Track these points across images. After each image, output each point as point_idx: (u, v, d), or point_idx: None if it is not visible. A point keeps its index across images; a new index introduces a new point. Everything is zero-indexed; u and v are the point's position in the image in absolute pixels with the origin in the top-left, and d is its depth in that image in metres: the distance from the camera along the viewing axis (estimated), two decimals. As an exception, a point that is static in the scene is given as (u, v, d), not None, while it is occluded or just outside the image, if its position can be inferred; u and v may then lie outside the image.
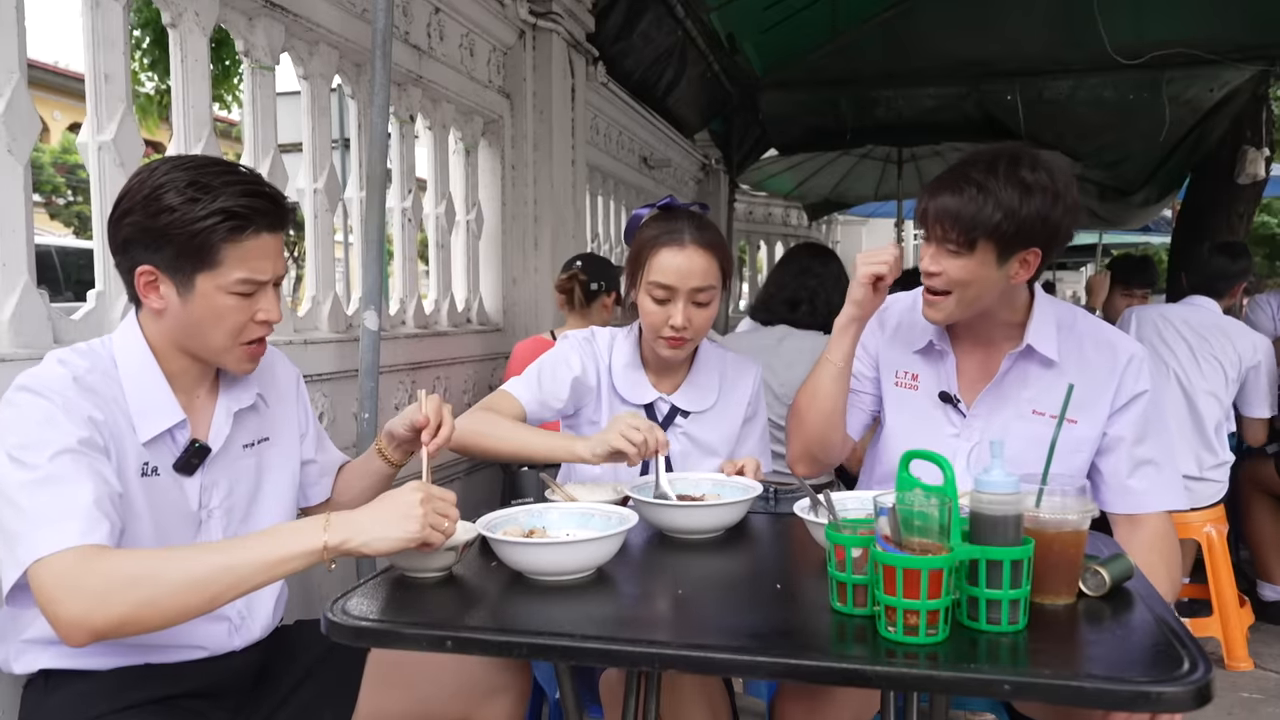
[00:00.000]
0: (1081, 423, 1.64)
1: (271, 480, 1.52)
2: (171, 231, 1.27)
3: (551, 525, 1.40)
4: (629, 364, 1.89)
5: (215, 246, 1.28)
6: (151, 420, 1.34)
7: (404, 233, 2.89)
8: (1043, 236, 1.53)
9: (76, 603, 1.11)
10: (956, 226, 1.52)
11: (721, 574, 1.38)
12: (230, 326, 1.34)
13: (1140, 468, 1.65)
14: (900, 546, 1.05)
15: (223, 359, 1.38)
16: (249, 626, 1.46)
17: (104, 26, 1.77)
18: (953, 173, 1.56)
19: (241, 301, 1.33)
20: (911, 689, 1.13)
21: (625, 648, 1.06)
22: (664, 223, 1.80)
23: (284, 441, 1.55)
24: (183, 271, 1.30)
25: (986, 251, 1.53)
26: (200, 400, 1.42)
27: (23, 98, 1.56)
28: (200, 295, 1.31)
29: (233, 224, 1.28)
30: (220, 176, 1.30)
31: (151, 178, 1.30)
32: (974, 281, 1.56)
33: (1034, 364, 1.66)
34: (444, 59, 2.97)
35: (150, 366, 1.35)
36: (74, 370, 1.28)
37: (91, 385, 1.28)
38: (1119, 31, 4.85)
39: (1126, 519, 1.67)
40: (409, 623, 1.15)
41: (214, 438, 1.41)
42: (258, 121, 2.22)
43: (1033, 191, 1.50)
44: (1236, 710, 2.82)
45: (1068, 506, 1.17)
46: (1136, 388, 1.65)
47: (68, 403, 1.23)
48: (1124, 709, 0.97)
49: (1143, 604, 1.18)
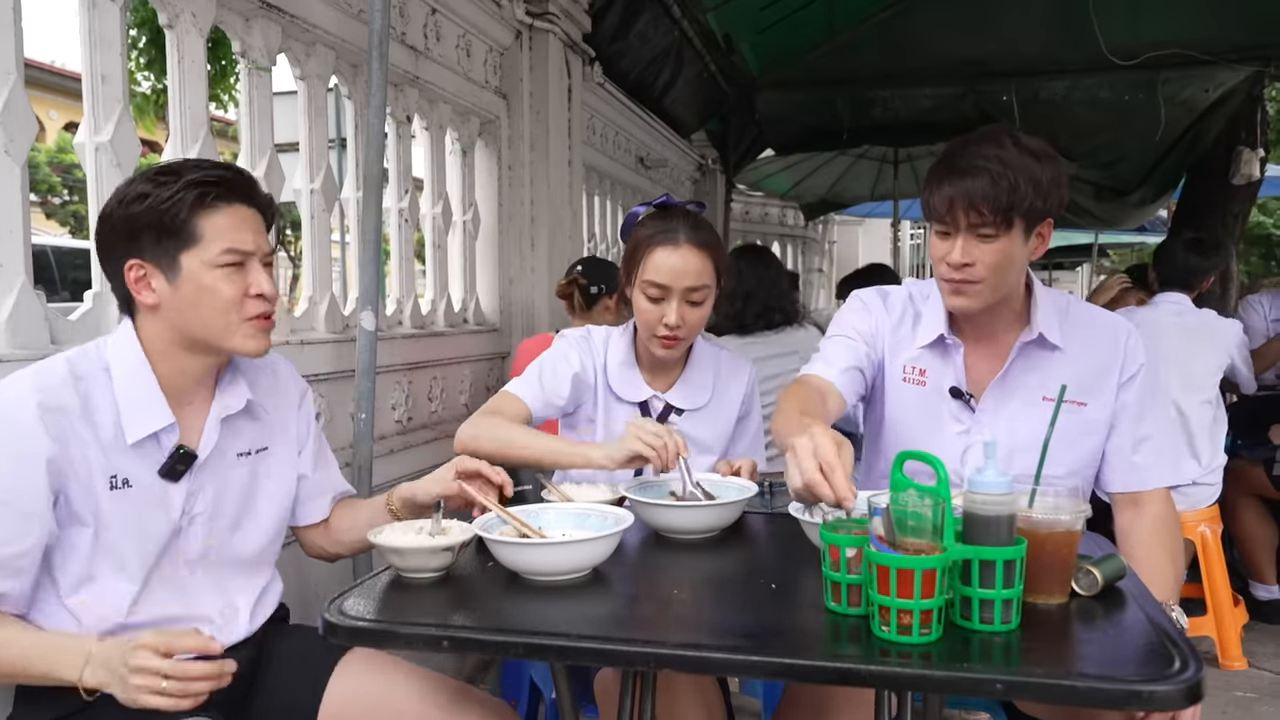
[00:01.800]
0: (1092, 405, 1.65)
1: (266, 490, 1.52)
2: (146, 217, 1.31)
3: (548, 525, 1.40)
4: (624, 362, 1.90)
5: (189, 220, 1.32)
6: (140, 422, 1.34)
7: (400, 233, 2.89)
8: (1055, 203, 1.53)
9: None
10: (992, 209, 1.48)
11: (717, 574, 1.39)
12: (224, 302, 1.35)
13: (1143, 443, 1.66)
14: (894, 547, 1.06)
15: (230, 340, 1.38)
16: (232, 627, 1.46)
17: (101, 27, 1.77)
18: (957, 158, 1.52)
19: (231, 274, 1.35)
20: (905, 688, 1.14)
21: (621, 647, 1.07)
22: (660, 221, 1.81)
23: (282, 452, 1.55)
24: (167, 254, 1.32)
25: (1018, 228, 1.51)
26: (194, 407, 1.42)
27: (20, 98, 1.57)
28: (188, 276, 1.33)
29: (198, 192, 1.32)
30: (185, 164, 1.37)
31: (125, 184, 1.37)
32: (1008, 263, 1.54)
33: (1040, 350, 1.65)
34: (440, 60, 2.97)
35: (142, 369, 1.36)
36: (42, 392, 1.28)
37: (59, 404, 1.28)
38: (1115, 32, 4.87)
39: (1130, 501, 1.67)
40: (406, 623, 1.15)
41: (203, 445, 1.41)
42: (254, 122, 2.22)
43: (1041, 158, 1.50)
44: (1231, 709, 2.84)
45: (1060, 507, 1.18)
46: (1136, 363, 1.66)
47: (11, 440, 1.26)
48: (1116, 707, 0.97)
49: (1135, 603, 1.19)
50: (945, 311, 1.68)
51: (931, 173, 1.57)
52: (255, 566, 1.51)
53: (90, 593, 1.32)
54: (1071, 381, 1.51)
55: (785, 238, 9.40)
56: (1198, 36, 4.95)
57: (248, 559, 1.49)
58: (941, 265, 1.58)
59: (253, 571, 1.51)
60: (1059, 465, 1.53)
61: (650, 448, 1.53)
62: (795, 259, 9.60)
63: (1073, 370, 1.62)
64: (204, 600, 1.43)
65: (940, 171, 1.54)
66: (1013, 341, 1.66)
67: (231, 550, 1.47)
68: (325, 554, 1.67)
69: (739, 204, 8.16)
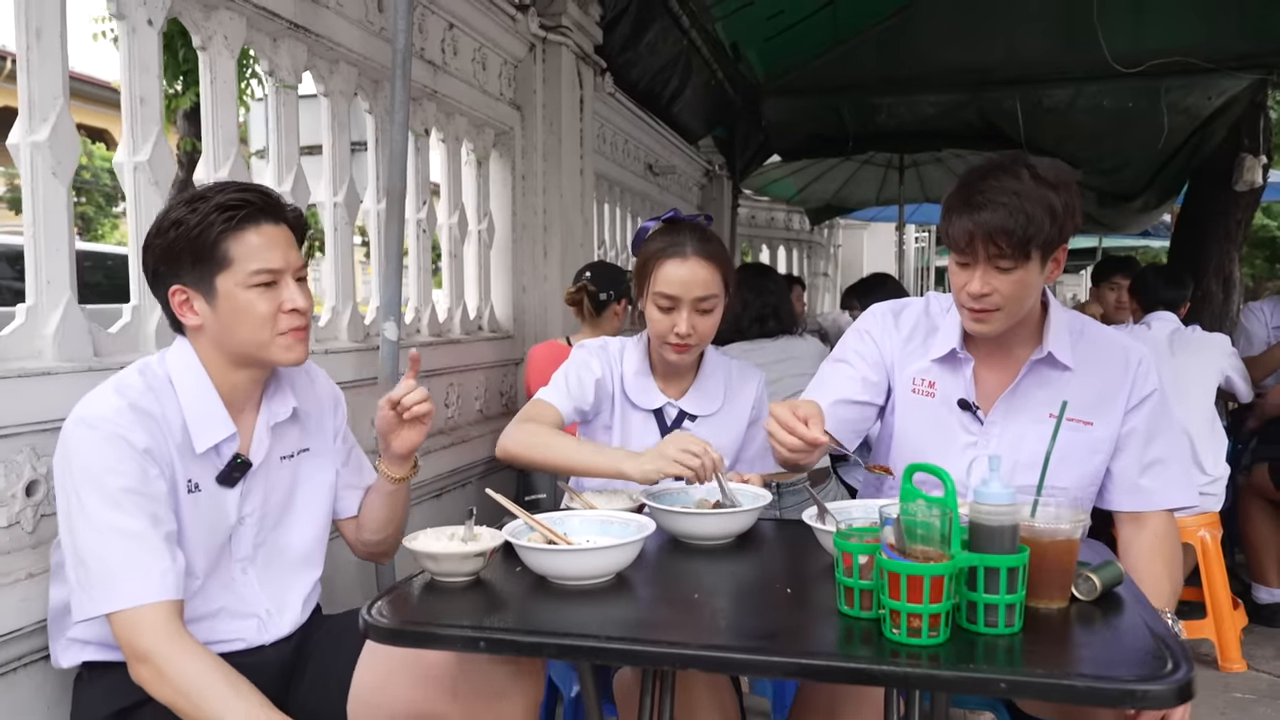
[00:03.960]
0: (1097, 425, 1.68)
1: (304, 491, 1.60)
2: (180, 243, 1.39)
3: (572, 532, 1.47)
4: (639, 371, 1.97)
5: (219, 244, 1.39)
6: (207, 433, 1.43)
7: (418, 243, 2.97)
8: (1070, 229, 1.56)
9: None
10: (1010, 241, 1.51)
11: (734, 579, 1.45)
12: (258, 319, 1.42)
13: (1150, 467, 1.69)
14: (904, 554, 1.12)
15: (268, 353, 1.45)
16: (277, 623, 1.54)
17: (140, 52, 1.84)
18: (975, 191, 1.54)
19: (263, 293, 1.42)
20: (915, 687, 1.20)
21: (649, 648, 1.14)
22: (668, 236, 1.88)
23: (321, 454, 1.64)
24: (204, 280, 1.41)
25: (1036, 258, 1.55)
26: (245, 415, 1.51)
27: (66, 122, 1.64)
28: (224, 297, 1.41)
29: (226, 215, 1.39)
30: (214, 188, 1.45)
31: (162, 212, 1.45)
32: (1026, 292, 1.58)
33: (1050, 369, 1.69)
34: (457, 73, 3.05)
35: (204, 382, 1.45)
36: (129, 396, 1.37)
37: (146, 408, 1.37)
38: (1118, 40, 4.91)
39: (1131, 517, 1.70)
40: (443, 624, 1.22)
41: (255, 452, 1.50)
42: (281, 138, 2.29)
43: (1057, 188, 1.53)
44: (1230, 711, 2.89)
45: (1061, 517, 1.25)
46: (1147, 388, 1.69)
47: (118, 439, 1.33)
48: (1112, 705, 1.04)
49: (1131, 608, 1.25)
50: (961, 329, 1.71)
51: (949, 203, 1.59)
52: (302, 564, 1.59)
53: None
54: (1078, 401, 1.55)
55: (790, 242, 9.46)
56: (1201, 44, 4.99)
57: (295, 557, 1.58)
58: (962, 294, 1.61)
59: (300, 568, 1.59)
60: (1062, 482, 1.56)
61: (688, 468, 1.57)
62: (800, 263, 9.66)
63: (1080, 390, 1.66)
64: (252, 597, 1.51)
65: (958, 204, 1.57)
66: (1024, 358, 1.69)
67: (279, 549, 1.56)
68: (367, 549, 1.75)
69: (745, 209, 8.22)
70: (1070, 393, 1.59)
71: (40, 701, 1.51)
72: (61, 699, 1.50)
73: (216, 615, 1.47)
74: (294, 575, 1.58)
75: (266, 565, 1.54)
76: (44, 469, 1.57)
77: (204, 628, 1.45)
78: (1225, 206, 5.38)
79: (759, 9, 4.90)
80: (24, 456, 1.55)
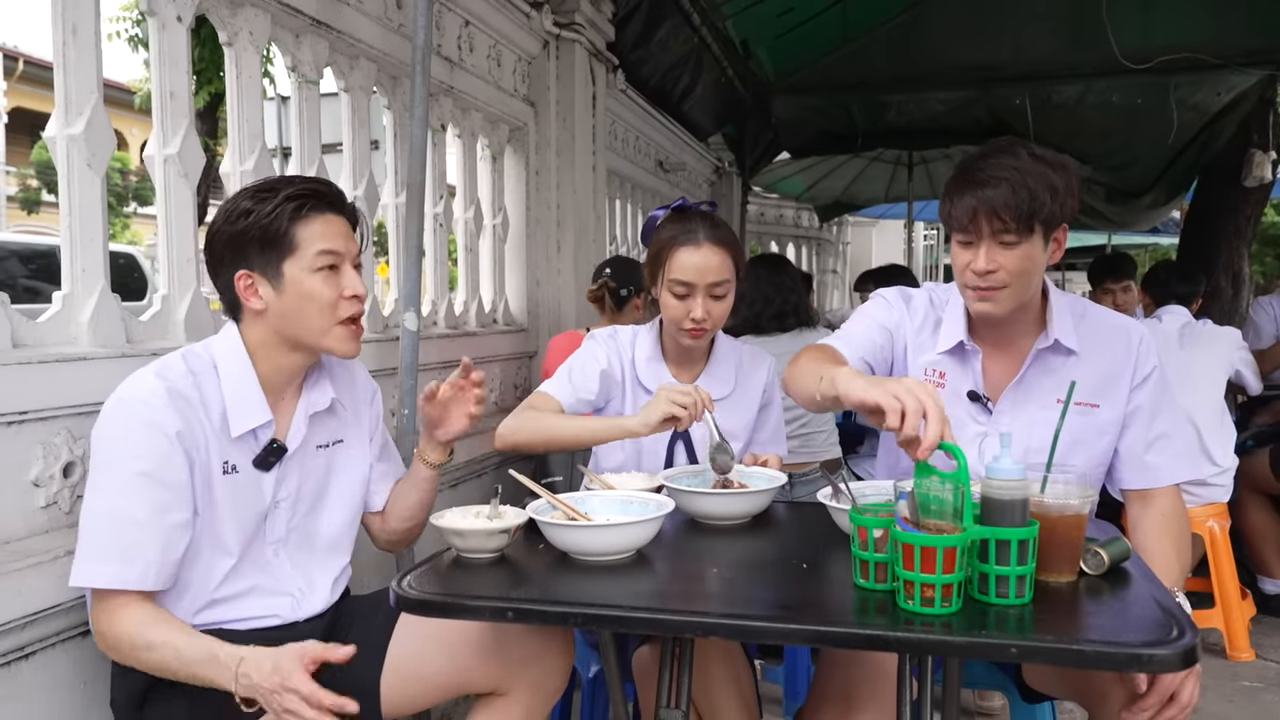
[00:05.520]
0: (1104, 407, 1.70)
1: (338, 481, 1.66)
2: (251, 231, 1.47)
3: (593, 511, 1.51)
4: (651, 357, 2.02)
5: (288, 230, 1.47)
6: (244, 417, 1.49)
7: (435, 237, 3.01)
8: (1069, 210, 1.59)
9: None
10: (1014, 215, 1.54)
11: (751, 555, 1.50)
12: (323, 304, 1.49)
13: (1155, 443, 1.71)
14: (918, 527, 1.16)
15: (326, 341, 1.52)
16: (310, 601, 1.59)
17: (170, 47, 1.89)
18: (976, 170, 1.58)
19: (328, 278, 1.50)
20: (928, 653, 1.24)
21: (670, 616, 1.18)
22: (679, 223, 1.92)
23: (356, 445, 1.69)
24: (271, 264, 1.48)
25: (1038, 234, 1.58)
26: (285, 403, 1.57)
27: (100, 116, 1.68)
28: (291, 282, 1.48)
29: (296, 204, 1.48)
30: (280, 180, 1.54)
31: (229, 202, 1.52)
32: (1031, 268, 1.61)
33: (1055, 355, 1.71)
34: (473, 70, 3.09)
35: (247, 369, 1.51)
36: (168, 380, 1.43)
37: (184, 392, 1.43)
38: (1127, 37, 4.92)
39: (1139, 495, 1.73)
40: (472, 596, 1.27)
41: (291, 438, 1.55)
42: (304, 133, 2.34)
43: (1054, 167, 1.57)
44: (1237, 698, 2.92)
45: (1069, 493, 1.29)
46: (1148, 365, 1.72)
47: (150, 421, 1.39)
48: (1120, 669, 1.08)
49: (1138, 582, 1.29)
50: (965, 319, 1.74)
51: (950, 185, 1.63)
52: (330, 550, 1.64)
53: (192, 569, 1.45)
54: (1085, 384, 1.58)
55: (800, 239, 9.50)
56: (1210, 40, 5.00)
57: (326, 541, 1.63)
58: (966, 274, 1.63)
59: (330, 553, 1.64)
60: (1073, 464, 1.60)
61: (681, 407, 1.66)
62: (810, 260, 9.69)
63: (1086, 373, 1.68)
64: (285, 577, 1.56)
65: (959, 183, 1.61)
66: (1029, 347, 1.72)
67: (311, 533, 1.60)
68: (389, 537, 1.79)
69: (754, 206, 8.26)
70: (1076, 376, 1.61)
71: (78, 677, 1.56)
72: (100, 672, 1.55)
73: (250, 593, 1.52)
74: (323, 560, 1.63)
75: (298, 549, 1.59)
76: (80, 451, 1.62)
77: (238, 605, 1.50)
78: (1235, 203, 5.39)
79: (769, 6, 4.93)
80: (61, 439, 1.60)
